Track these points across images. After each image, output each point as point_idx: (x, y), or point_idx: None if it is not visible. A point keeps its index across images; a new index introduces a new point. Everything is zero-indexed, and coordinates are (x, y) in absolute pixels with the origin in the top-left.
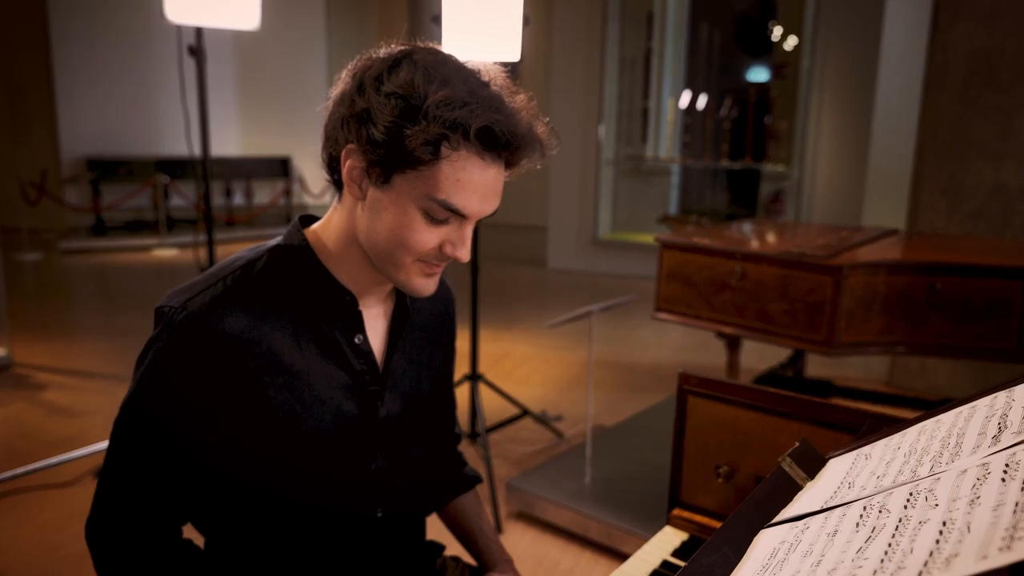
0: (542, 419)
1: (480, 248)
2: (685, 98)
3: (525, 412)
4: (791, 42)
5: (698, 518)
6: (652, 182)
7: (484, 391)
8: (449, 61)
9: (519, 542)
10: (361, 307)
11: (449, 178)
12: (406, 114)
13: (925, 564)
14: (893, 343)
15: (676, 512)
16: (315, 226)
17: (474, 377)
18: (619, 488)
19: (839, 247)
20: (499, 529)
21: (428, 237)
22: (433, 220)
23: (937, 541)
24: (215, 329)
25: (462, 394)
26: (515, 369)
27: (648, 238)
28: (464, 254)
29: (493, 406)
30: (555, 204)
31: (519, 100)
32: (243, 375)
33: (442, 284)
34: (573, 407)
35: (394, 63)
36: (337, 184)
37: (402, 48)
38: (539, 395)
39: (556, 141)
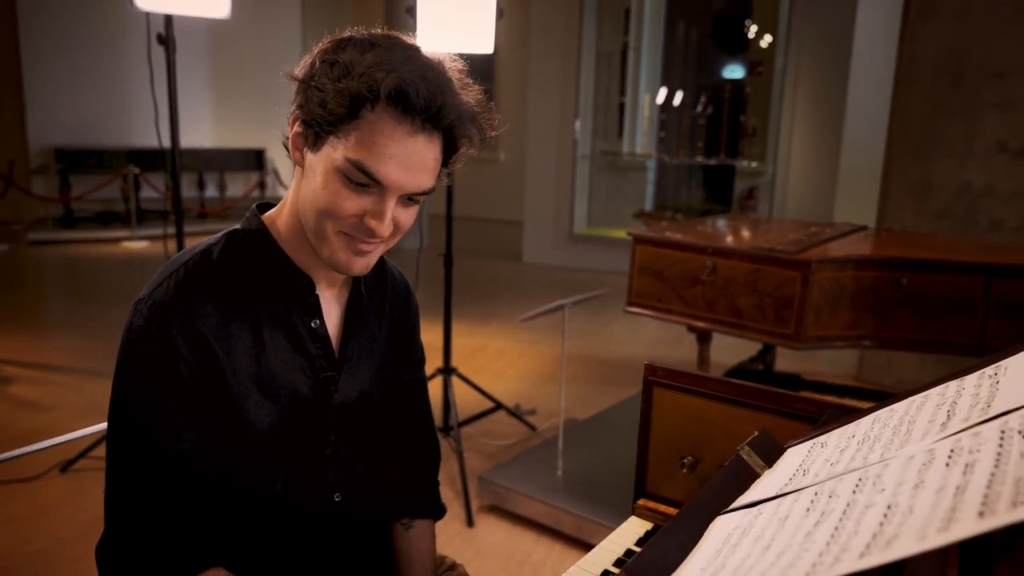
0: (515, 413)
1: (455, 242)
2: (661, 94)
3: (499, 406)
4: (766, 40)
5: (663, 508)
6: (628, 177)
7: (459, 385)
8: (398, 40)
9: (491, 535)
10: (317, 291)
11: (366, 140)
12: (338, 78)
13: (867, 545)
14: (860, 337)
15: (641, 502)
16: (270, 212)
17: (447, 371)
18: (590, 481)
19: (808, 243)
20: (471, 523)
21: (347, 204)
22: (353, 184)
23: (881, 524)
24: (177, 315)
25: (435, 388)
26: (490, 363)
27: (624, 233)
28: (382, 229)
29: (467, 400)
30: (531, 198)
31: (462, 83)
32: (209, 356)
33: (396, 276)
34: (547, 401)
35: (346, 39)
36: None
37: (362, 31)
38: (513, 389)
39: (493, 132)
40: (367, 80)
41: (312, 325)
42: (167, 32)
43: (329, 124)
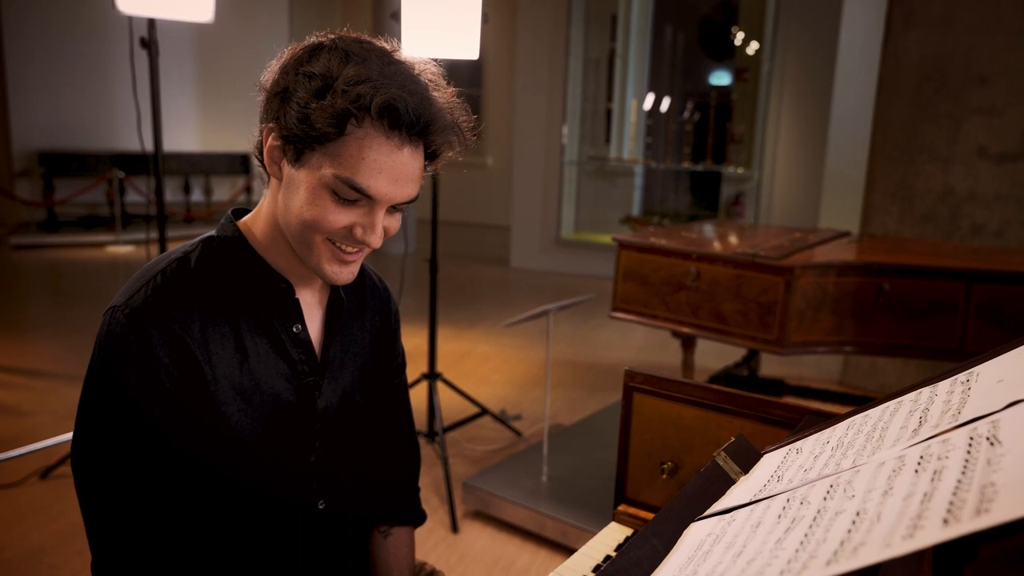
0: (501, 418)
1: (442, 247)
2: (648, 100)
3: (484, 411)
4: (753, 47)
5: (643, 514)
6: (615, 183)
7: (444, 390)
8: (370, 47)
9: (476, 541)
10: (297, 296)
11: (355, 156)
12: (317, 90)
13: (835, 553)
14: (842, 343)
15: (622, 508)
16: (246, 218)
17: (432, 376)
18: (575, 486)
19: (791, 248)
20: (455, 529)
21: (337, 217)
22: (342, 200)
23: (849, 531)
24: (157, 322)
25: (420, 393)
26: (476, 368)
27: (611, 239)
28: (374, 240)
29: (452, 405)
30: (518, 204)
31: (442, 91)
32: (190, 363)
33: (376, 280)
34: (532, 406)
35: (316, 47)
36: (266, 170)
37: (330, 36)
38: (499, 394)
39: (474, 137)
40: (351, 96)
41: (294, 330)
42: (150, 36)
43: (314, 141)
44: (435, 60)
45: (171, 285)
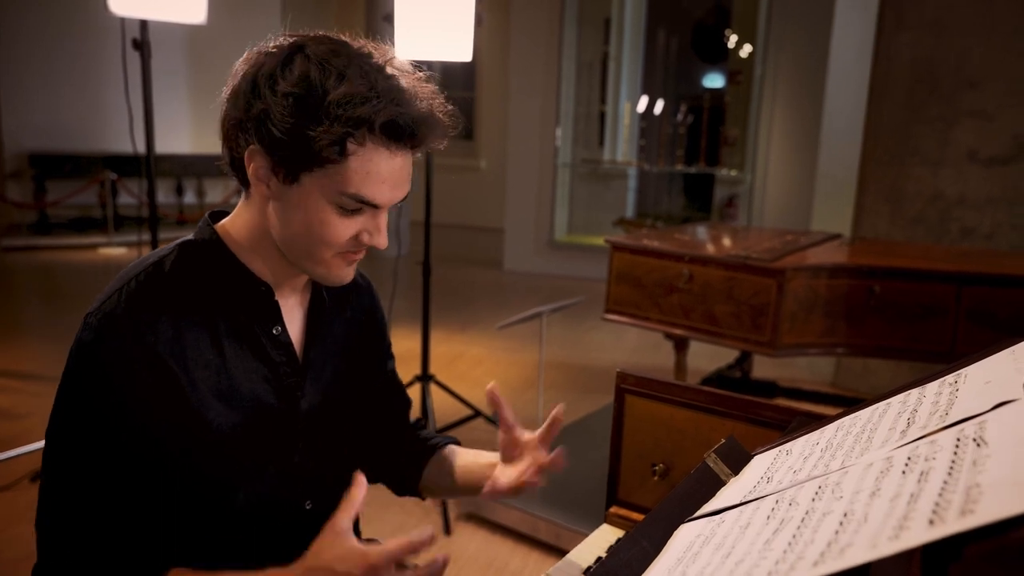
0: (494, 420)
1: (435, 249)
2: (642, 103)
3: (477, 413)
4: (746, 50)
5: (635, 516)
6: (609, 185)
7: (437, 392)
8: (342, 51)
9: (469, 543)
10: (278, 298)
11: (358, 172)
12: (306, 113)
13: (822, 554)
14: (833, 344)
15: (613, 510)
16: (224, 221)
17: (425, 378)
18: (568, 488)
19: (783, 250)
20: (448, 531)
21: (343, 230)
22: (346, 212)
23: (836, 532)
24: (133, 327)
25: (413, 396)
26: (469, 370)
27: (603, 241)
28: (382, 241)
29: (445, 407)
30: (512, 206)
31: (415, 83)
32: (163, 370)
33: (360, 276)
34: (526, 408)
35: (287, 58)
36: (243, 182)
37: (293, 40)
38: None
39: (457, 119)
40: (350, 121)
41: (274, 332)
42: (142, 37)
43: (314, 165)
44: (428, 62)
45: (144, 291)
